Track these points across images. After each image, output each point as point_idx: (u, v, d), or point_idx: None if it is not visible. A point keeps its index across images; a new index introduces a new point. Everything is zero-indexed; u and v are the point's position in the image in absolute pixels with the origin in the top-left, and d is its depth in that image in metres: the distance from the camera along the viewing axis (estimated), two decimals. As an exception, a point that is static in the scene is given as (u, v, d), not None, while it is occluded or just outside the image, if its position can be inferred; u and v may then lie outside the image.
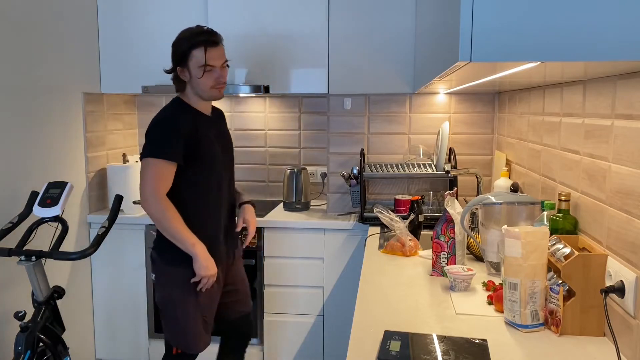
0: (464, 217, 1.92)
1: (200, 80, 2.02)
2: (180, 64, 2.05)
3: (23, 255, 2.08)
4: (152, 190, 1.95)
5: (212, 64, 2.02)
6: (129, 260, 2.97)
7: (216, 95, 2.08)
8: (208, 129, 2.09)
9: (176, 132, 1.98)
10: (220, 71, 2.05)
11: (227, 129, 2.28)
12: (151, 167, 1.97)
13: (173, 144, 1.97)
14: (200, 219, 2.06)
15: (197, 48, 2.01)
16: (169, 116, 2.05)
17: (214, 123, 2.15)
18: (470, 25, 1.06)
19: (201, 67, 2.00)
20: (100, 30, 3.05)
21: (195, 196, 2.06)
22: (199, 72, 2.01)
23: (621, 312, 1.34)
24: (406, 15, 2.82)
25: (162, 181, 1.96)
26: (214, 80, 2.04)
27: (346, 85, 2.91)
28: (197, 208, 2.06)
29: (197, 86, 2.04)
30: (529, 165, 2.27)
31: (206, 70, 2.01)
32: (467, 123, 3.15)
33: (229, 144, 2.24)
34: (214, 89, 2.06)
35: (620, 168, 1.36)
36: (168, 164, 1.96)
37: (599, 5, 1.03)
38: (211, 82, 2.04)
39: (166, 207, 1.95)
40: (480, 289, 1.77)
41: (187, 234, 1.97)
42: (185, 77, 2.05)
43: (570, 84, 1.77)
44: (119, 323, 3.02)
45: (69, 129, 2.83)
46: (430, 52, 1.91)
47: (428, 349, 1.31)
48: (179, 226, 1.96)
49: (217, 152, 2.10)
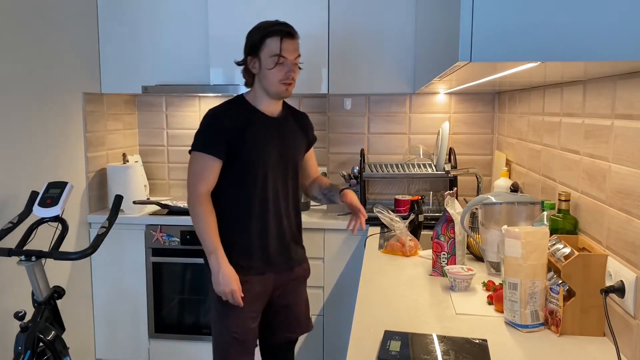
0: (464, 217, 1.92)
1: (270, 72, 1.90)
2: (252, 53, 1.92)
3: (23, 255, 2.08)
4: (190, 186, 1.90)
5: (285, 55, 1.89)
6: (129, 260, 2.96)
7: (283, 92, 1.93)
8: (264, 129, 1.95)
9: (221, 125, 1.90)
10: (292, 66, 1.92)
11: (299, 134, 2.10)
12: (193, 162, 1.92)
13: (216, 138, 1.89)
14: (240, 222, 1.95)
15: (271, 37, 1.89)
16: (219, 110, 1.96)
17: (276, 124, 2.00)
18: (470, 25, 1.06)
19: (273, 57, 1.88)
20: (100, 30, 3.06)
21: (238, 198, 1.95)
22: (270, 63, 1.89)
23: (621, 312, 1.34)
24: (406, 15, 2.82)
25: (203, 177, 1.89)
26: (284, 73, 1.90)
27: (346, 85, 2.91)
28: (238, 210, 1.95)
29: (265, 79, 1.92)
30: (529, 165, 2.27)
31: (278, 62, 1.88)
32: (467, 123, 3.14)
33: (291, 150, 2.04)
34: (282, 85, 1.92)
35: (620, 168, 1.36)
36: (210, 158, 1.89)
37: (599, 5, 1.03)
38: (281, 75, 1.90)
39: (199, 204, 1.87)
40: (480, 289, 1.77)
41: (210, 238, 1.87)
42: (254, 68, 1.93)
43: (570, 84, 1.77)
44: (119, 323, 3.02)
45: (69, 129, 2.83)
46: (430, 52, 1.91)
47: (428, 349, 1.31)
48: (206, 228, 1.86)
49: (272, 156, 1.96)
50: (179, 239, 2.90)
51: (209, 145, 1.89)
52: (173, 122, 3.43)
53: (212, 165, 1.89)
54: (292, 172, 2.04)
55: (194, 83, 3.01)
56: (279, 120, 2.01)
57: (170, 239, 2.91)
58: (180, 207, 2.96)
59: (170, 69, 3.03)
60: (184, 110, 3.40)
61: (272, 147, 1.96)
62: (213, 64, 2.94)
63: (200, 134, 1.94)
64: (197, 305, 2.96)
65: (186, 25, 3.01)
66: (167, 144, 3.45)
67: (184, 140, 3.42)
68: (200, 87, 2.98)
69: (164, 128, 3.44)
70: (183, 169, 3.45)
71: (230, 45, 2.91)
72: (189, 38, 3.01)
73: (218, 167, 1.90)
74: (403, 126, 3.20)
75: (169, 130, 3.44)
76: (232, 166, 1.91)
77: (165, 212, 3.00)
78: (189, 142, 3.38)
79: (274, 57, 1.88)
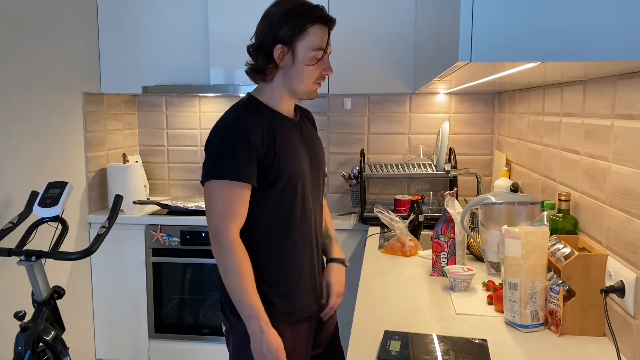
0: (464, 217, 1.92)
1: (308, 69, 1.51)
2: (285, 42, 1.48)
3: (23, 255, 2.08)
4: (216, 227, 1.44)
5: (329, 50, 1.55)
6: (129, 260, 2.96)
7: (313, 93, 1.58)
8: (291, 136, 1.56)
9: (247, 140, 1.45)
10: (329, 63, 1.58)
11: (316, 134, 1.74)
12: (214, 194, 1.45)
13: (244, 158, 1.44)
14: (277, 260, 1.54)
15: (317, 24, 1.49)
16: (235, 120, 1.50)
17: (298, 127, 1.62)
18: (470, 25, 1.06)
19: (316, 52, 1.50)
20: (100, 30, 3.06)
21: (272, 230, 1.53)
22: (310, 57, 1.50)
23: (621, 312, 1.34)
24: (406, 15, 2.81)
25: (233, 213, 1.44)
26: (321, 72, 1.55)
27: (346, 85, 2.91)
28: (274, 246, 1.55)
29: (297, 75, 1.52)
30: (529, 165, 2.27)
31: (317, 56, 1.51)
32: (467, 123, 3.15)
33: (319, 155, 1.68)
34: (315, 84, 1.56)
35: (620, 168, 1.36)
36: (239, 186, 1.44)
37: (599, 5, 1.03)
38: (318, 74, 1.54)
39: (232, 251, 1.43)
40: (480, 289, 1.77)
41: (249, 299, 1.43)
42: (284, 61, 1.50)
43: (570, 84, 1.77)
44: (119, 323, 3.02)
45: (69, 129, 2.83)
46: (430, 52, 1.91)
47: (428, 349, 1.31)
48: (244, 285, 1.43)
49: (304, 167, 1.57)
50: (179, 239, 2.90)
51: (235, 169, 1.43)
52: (173, 122, 3.43)
53: (243, 194, 1.45)
54: (323, 183, 1.70)
55: (194, 83, 3.01)
56: (298, 123, 1.63)
57: (170, 239, 2.91)
58: (180, 207, 2.96)
59: (170, 69, 3.03)
60: (184, 110, 3.41)
61: (304, 157, 1.59)
62: (213, 64, 2.94)
63: (219, 155, 1.46)
64: (197, 305, 2.96)
65: (186, 25, 3.01)
66: (167, 144, 3.45)
67: (184, 140, 3.42)
68: (200, 87, 2.99)
69: (164, 128, 3.44)
70: (183, 169, 3.45)
71: (230, 45, 2.91)
72: (189, 38, 3.01)
73: (248, 195, 1.47)
74: (403, 126, 3.20)
75: (169, 130, 3.44)
76: (266, 189, 1.50)
77: (165, 212, 3.00)
78: (189, 142, 3.43)
79: (317, 52, 1.50)
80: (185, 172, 3.45)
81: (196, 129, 3.41)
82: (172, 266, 2.94)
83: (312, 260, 1.62)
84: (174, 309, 2.98)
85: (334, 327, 1.79)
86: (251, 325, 1.43)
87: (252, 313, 1.43)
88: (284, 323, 1.54)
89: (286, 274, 1.56)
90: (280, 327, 1.50)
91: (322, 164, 1.70)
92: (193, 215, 2.92)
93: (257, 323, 1.43)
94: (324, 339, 1.73)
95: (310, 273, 1.62)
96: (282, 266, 1.56)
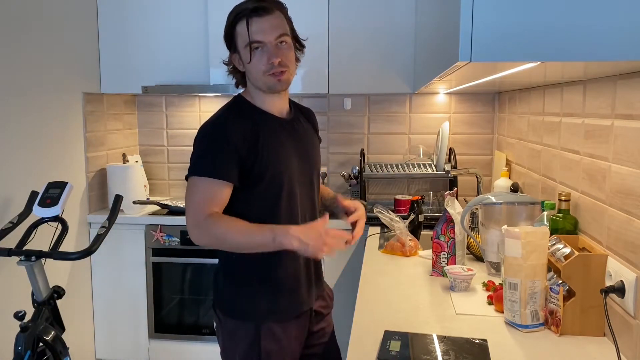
0: (464, 217, 1.92)
1: (251, 66, 1.52)
2: (232, 49, 1.57)
3: (23, 255, 2.08)
4: (194, 218, 1.45)
5: (258, 39, 1.49)
6: (129, 260, 2.96)
7: (274, 84, 1.53)
8: (277, 135, 1.57)
9: (227, 140, 1.48)
10: (274, 49, 1.50)
11: (312, 133, 1.75)
12: (195, 188, 1.48)
13: (225, 157, 1.47)
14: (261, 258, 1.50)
15: (239, 22, 1.51)
16: (218, 120, 1.55)
17: (289, 126, 1.62)
18: (470, 25, 1.06)
19: (247, 47, 1.50)
20: (100, 30, 3.06)
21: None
22: (246, 55, 1.52)
23: (621, 312, 1.34)
24: (406, 15, 2.81)
25: (209, 207, 1.46)
26: (265, 62, 1.50)
27: (346, 85, 2.91)
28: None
29: (250, 75, 1.56)
30: (529, 165, 2.27)
31: (252, 49, 1.50)
32: (467, 123, 3.15)
33: (311, 154, 1.67)
34: (270, 77, 1.52)
35: (620, 168, 1.36)
36: (219, 184, 1.47)
37: (599, 5, 1.03)
38: (262, 66, 1.51)
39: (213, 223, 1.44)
40: (480, 289, 1.77)
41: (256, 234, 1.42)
42: (240, 65, 1.57)
43: (570, 84, 1.77)
44: (119, 323, 3.02)
45: (69, 129, 2.83)
46: (430, 52, 1.91)
47: (428, 349, 1.31)
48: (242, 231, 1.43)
49: (292, 165, 1.57)
50: (179, 239, 2.90)
51: (216, 167, 1.47)
52: (173, 122, 3.43)
53: (223, 190, 1.48)
54: (316, 183, 1.70)
55: (193, 83, 3.01)
56: (291, 122, 1.64)
57: (170, 238, 2.91)
58: (180, 207, 2.96)
59: (170, 69, 3.03)
60: (184, 110, 3.41)
61: (291, 155, 1.59)
62: (213, 64, 2.94)
63: (200, 154, 1.51)
64: (197, 305, 2.96)
65: (186, 25, 3.01)
66: (167, 144, 3.45)
67: (184, 141, 3.42)
68: (200, 87, 2.99)
69: (164, 128, 3.44)
70: (183, 168, 3.44)
71: (230, 45, 2.91)
72: (189, 38, 3.01)
73: (229, 192, 1.49)
74: (403, 126, 3.20)
75: (169, 130, 3.44)
76: (249, 188, 1.52)
77: (165, 212, 3.00)
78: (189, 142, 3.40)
79: (248, 46, 1.50)
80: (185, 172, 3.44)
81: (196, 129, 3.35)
82: (172, 266, 2.94)
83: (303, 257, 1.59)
84: (173, 309, 2.98)
85: (331, 327, 1.79)
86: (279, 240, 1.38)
87: (269, 236, 1.40)
88: (272, 321, 1.56)
89: (271, 273, 1.56)
90: (268, 324, 1.54)
91: (315, 163, 1.69)
92: (193, 215, 2.92)
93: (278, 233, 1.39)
94: (320, 338, 1.73)
95: (302, 270, 1.62)
96: (268, 264, 1.55)
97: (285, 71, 1.53)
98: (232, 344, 1.57)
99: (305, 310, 1.64)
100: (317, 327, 1.71)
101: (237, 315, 1.58)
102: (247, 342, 1.56)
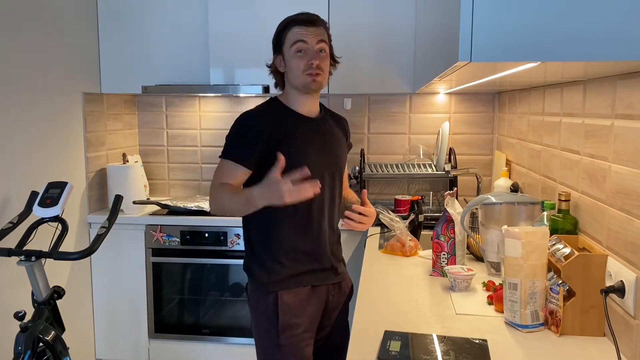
0: (464, 217, 1.92)
1: (293, 63, 1.76)
2: (277, 51, 1.82)
3: (23, 255, 2.08)
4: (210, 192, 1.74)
5: (304, 39, 1.74)
6: (129, 260, 2.96)
7: (309, 83, 1.75)
8: (301, 131, 1.79)
9: (251, 130, 1.74)
10: (314, 53, 1.75)
11: (341, 136, 1.93)
12: (217, 168, 1.76)
13: (247, 146, 1.73)
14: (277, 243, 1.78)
15: (290, 28, 1.77)
16: (249, 113, 1.79)
17: (314, 123, 1.83)
18: (470, 25, 1.06)
19: (294, 46, 1.75)
20: (100, 30, 3.06)
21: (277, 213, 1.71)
22: (291, 54, 1.75)
23: (621, 312, 1.34)
24: (406, 15, 2.82)
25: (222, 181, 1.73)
26: (306, 62, 1.74)
27: (346, 85, 2.91)
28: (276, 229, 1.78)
29: (290, 73, 1.78)
30: (529, 165, 2.27)
31: (297, 49, 1.74)
32: (467, 123, 3.15)
33: (336, 155, 1.88)
34: (307, 75, 1.74)
35: (620, 168, 1.36)
36: (238, 167, 1.73)
37: (599, 6, 1.03)
38: (302, 65, 1.74)
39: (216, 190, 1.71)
40: (480, 289, 1.77)
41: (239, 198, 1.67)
42: (281, 66, 1.81)
43: (570, 84, 1.77)
44: (119, 323, 3.02)
45: (69, 129, 2.83)
46: (430, 52, 1.91)
47: (428, 349, 1.31)
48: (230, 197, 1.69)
49: (310, 156, 1.77)
50: (179, 239, 2.90)
51: (239, 153, 1.73)
52: (173, 122, 3.43)
53: (237, 172, 1.74)
54: (339, 180, 1.89)
55: (194, 83, 3.01)
56: (317, 121, 1.84)
57: (170, 239, 2.91)
58: (180, 207, 2.96)
59: (170, 69, 3.03)
60: (184, 110, 3.41)
61: (313, 152, 1.79)
62: (213, 64, 2.94)
63: (229, 139, 1.77)
64: (197, 305, 2.96)
65: (186, 25, 3.01)
66: (167, 144, 3.45)
67: (184, 141, 3.43)
68: (200, 87, 2.98)
69: (164, 128, 3.44)
70: (183, 169, 3.45)
71: (230, 45, 2.92)
72: (189, 38, 3.01)
73: (243, 174, 1.74)
74: (403, 126, 3.20)
75: (169, 130, 3.44)
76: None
77: (165, 212, 3.00)
78: (189, 142, 3.43)
79: (295, 46, 1.75)
80: (185, 172, 3.45)
81: (196, 129, 3.41)
82: (172, 266, 2.94)
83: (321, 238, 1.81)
84: (174, 309, 2.98)
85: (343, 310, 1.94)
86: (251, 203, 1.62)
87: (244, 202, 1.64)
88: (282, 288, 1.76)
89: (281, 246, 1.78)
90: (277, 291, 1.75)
91: (338, 159, 1.89)
92: (193, 215, 2.93)
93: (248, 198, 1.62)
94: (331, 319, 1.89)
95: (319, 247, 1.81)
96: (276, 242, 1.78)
97: (320, 74, 1.76)
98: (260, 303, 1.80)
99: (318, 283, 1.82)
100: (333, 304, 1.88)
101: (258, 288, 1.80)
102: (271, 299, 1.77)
